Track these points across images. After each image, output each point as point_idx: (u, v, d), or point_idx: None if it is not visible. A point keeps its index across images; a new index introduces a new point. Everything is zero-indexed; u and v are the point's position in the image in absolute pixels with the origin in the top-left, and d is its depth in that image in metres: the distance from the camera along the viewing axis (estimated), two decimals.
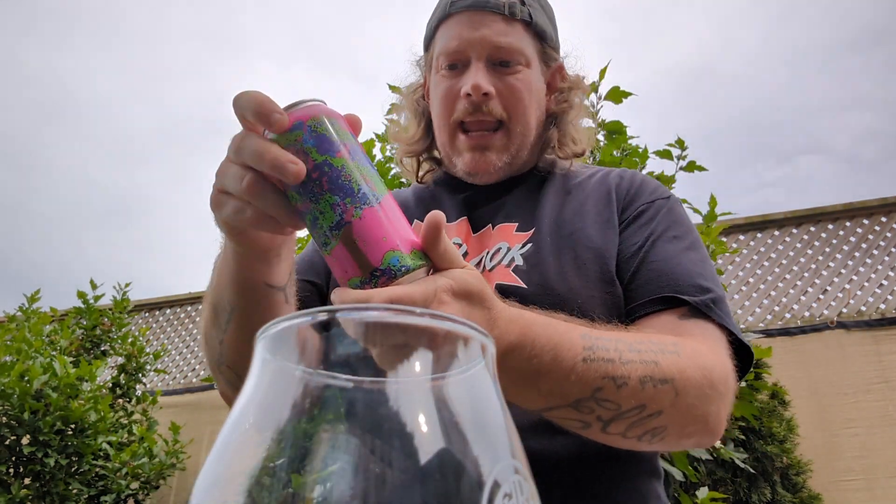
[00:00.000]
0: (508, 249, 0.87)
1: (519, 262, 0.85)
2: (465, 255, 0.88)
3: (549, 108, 0.97)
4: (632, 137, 2.61)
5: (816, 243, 4.95)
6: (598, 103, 2.56)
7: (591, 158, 2.63)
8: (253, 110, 0.54)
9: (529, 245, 0.86)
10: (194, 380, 5.69)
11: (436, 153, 1.03)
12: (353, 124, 0.58)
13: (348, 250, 0.53)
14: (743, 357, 0.80)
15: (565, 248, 0.85)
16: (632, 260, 0.83)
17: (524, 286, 0.82)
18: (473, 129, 0.91)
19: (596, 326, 0.69)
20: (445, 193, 0.98)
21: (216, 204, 0.59)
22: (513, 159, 0.93)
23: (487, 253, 0.88)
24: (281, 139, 0.54)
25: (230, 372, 0.75)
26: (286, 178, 0.52)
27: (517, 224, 0.90)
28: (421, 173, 1.05)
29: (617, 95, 2.50)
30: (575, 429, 0.68)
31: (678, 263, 0.80)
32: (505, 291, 0.80)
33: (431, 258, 0.57)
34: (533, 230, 0.88)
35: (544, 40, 0.94)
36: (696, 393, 0.68)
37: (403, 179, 2.31)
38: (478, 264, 0.87)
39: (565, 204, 0.91)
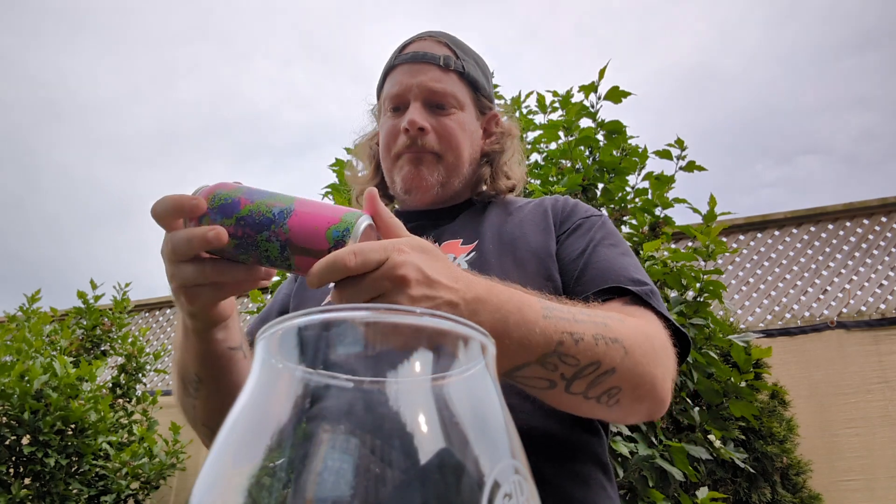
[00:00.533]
0: (454, 259, 0.95)
1: (464, 266, 0.93)
2: None
3: (484, 149, 1.09)
4: (631, 137, 2.61)
5: (816, 243, 4.95)
6: (597, 103, 2.56)
7: (592, 158, 2.63)
8: (172, 207, 0.63)
9: (473, 253, 0.95)
10: None
11: (389, 191, 1.12)
12: (226, 184, 0.67)
13: (303, 255, 0.62)
14: (681, 346, 0.88)
15: (506, 252, 0.94)
16: (577, 261, 0.92)
17: None
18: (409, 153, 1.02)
19: (548, 298, 0.75)
20: None
21: (191, 298, 0.67)
22: (446, 181, 1.02)
23: None
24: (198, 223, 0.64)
25: (206, 429, 0.84)
26: (216, 244, 0.61)
27: (462, 239, 0.99)
28: None
29: (616, 95, 2.50)
30: (541, 390, 0.72)
31: (618, 263, 0.90)
32: None
33: (378, 230, 0.65)
34: (476, 242, 0.97)
35: (477, 90, 1.06)
36: (642, 352, 0.75)
37: None
38: None
39: (506, 221, 1.01)
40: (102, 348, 4.59)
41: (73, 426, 3.60)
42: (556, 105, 2.75)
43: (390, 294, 0.59)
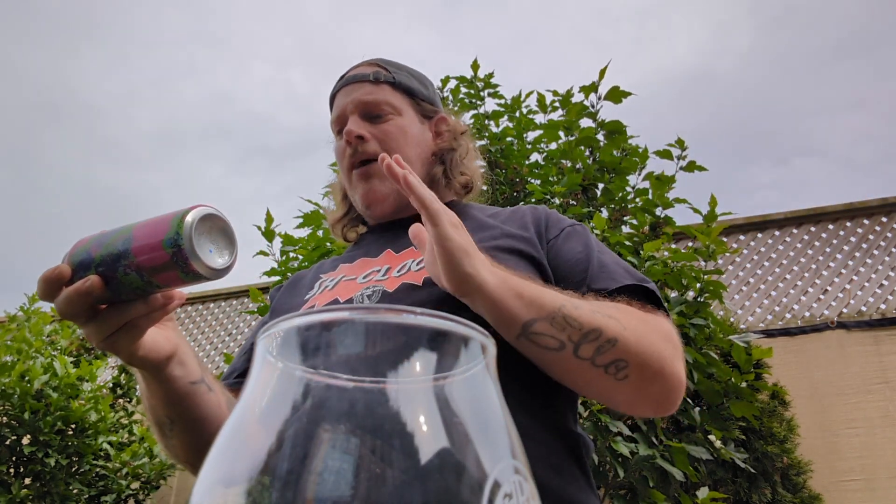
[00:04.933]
0: None
1: None
2: (387, 269, 0.97)
3: (435, 149, 1.13)
4: (631, 137, 2.61)
5: (817, 243, 4.95)
6: (597, 103, 2.56)
7: (592, 158, 2.63)
8: (44, 284, 0.68)
9: None
10: None
11: (355, 216, 1.18)
12: (82, 240, 0.71)
13: (158, 273, 0.64)
14: None
15: (487, 247, 0.95)
16: (582, 262, 0.96)
17: None
18: (358, 167, 1.06)
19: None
20: (370, 238, 1.13)
21: (114, 348, 0.70)
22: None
23: (413, 260, 0.97)
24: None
25: (189, 465, 0.87)
26: (96, 292, 0.65)
27: None
28: (344, 234, 1.20)
29: (616, 95, 2.50)
30: (552, 351, 0.77)
31: (622, 265, 0.96)
32: (433, 282, 0.90)
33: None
34: None
35: (414, 96, 1.10)
36: (644, 332, 0.80)
37: None
38: (402, 268, 0.96)
39: (484, 221, 1.04)
40: None
41: (73, 426, 3.60)
42: (556, 105, 2.75)
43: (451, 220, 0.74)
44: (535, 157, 2.85)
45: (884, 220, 4.88)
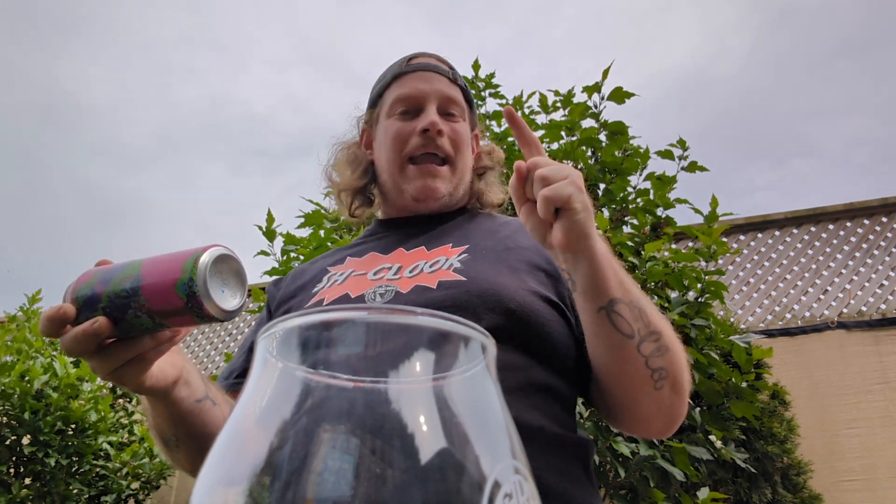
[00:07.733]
0: (447, 259, 0.96)
1: (457, 265, 0.94)
2: (398, 268, 0.96)
3: (476, 165, 1.15)
4: (633, 137, 2.61)
5: (817, 243, 4.95)
6: (600, 104, 2.55)
7: (594, 158, 2.63)
8: (47, 322, 0.66)
9: (465, 254, 0.96)
10: None
11: (370, 194, 1.16)
12: (87, 273, 0.69)
13: (171, 316, 0.63)
14: None
15: (501, 258, 0.96)
16: None
17: (463, 279, 0.90)
18: (422, 162, 1.04)
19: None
20: (380, 232, 1.11)
21: (121, 380, 0.70)
22: (453, 191, 1.06)
23: (426, 262, 0.96)
24: (76, 324, 0.67)
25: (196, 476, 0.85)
26: (104, 334, 0.64)
27: (451, 244, 1.00)
28: (354, 208, 1.17)
29: (619, 96, 2.50)
30: (623, 337, 0.80)
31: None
32: (447, 285, 0.90)
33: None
34: (467, 246, 0.98)
35: (471, 107, 1.13)
36: (681, 350, 0.85)
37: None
38: (414, 268, 0.95)
39: (497, 230, 1.04)
40: None
41: (73, 426, 3.60)
42: (558, 105, 2.75)
43: (576, 194, 0.75)
44: None
45: (884, 220, 4.88)
